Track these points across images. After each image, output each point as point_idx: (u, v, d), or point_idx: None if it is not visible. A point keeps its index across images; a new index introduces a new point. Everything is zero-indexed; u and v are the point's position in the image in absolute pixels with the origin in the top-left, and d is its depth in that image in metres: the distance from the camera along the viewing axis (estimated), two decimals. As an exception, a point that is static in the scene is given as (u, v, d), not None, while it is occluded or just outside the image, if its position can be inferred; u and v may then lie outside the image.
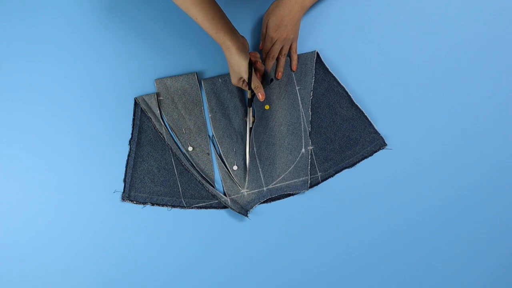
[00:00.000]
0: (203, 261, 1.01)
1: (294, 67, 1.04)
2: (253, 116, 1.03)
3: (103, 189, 1.02)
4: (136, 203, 1.02)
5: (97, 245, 1.01)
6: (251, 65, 0.91)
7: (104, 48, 1.04)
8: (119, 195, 1.02)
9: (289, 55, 1.05)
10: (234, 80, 0.96)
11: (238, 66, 0.91)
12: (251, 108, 1.01)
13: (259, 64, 0.95)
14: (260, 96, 0.94)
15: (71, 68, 1.03)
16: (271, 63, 1.02)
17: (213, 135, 1.04)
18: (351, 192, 1.03)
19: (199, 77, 1.05)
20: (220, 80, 1.04)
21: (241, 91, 1.05)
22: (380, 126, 1.05)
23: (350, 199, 1.03)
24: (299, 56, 1.06)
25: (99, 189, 1.02)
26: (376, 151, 1.05)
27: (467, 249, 1.04)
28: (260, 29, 1.06)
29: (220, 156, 1.04)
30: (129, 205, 1.02)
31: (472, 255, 1.04)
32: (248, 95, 0.98)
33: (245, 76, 0.92)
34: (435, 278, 1.03)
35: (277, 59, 1.03)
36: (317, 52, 1.06)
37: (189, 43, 1.05)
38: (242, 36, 0.92)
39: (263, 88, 0.96)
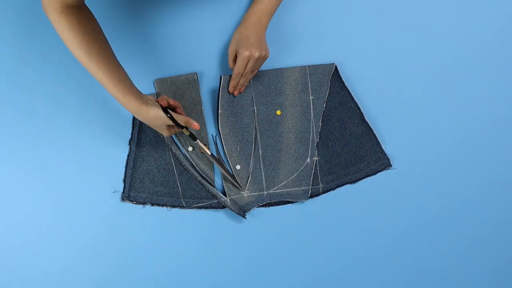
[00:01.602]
0: (203, 261, 1.02)
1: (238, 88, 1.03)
2: (205, 144, 1.00)
3: (103, 189, 1.01)
4: (136, 203, 1.01)
5: (97, 245, 1.01)
6: (166, 109, 0.88)
7: None
8: (119, 195, 1.02)
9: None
10: (166, 133, 0.93)
11: (157, 118, 0.88)
12: (197, 140, 0.97)
13: (173, 102, 0.93)
14: (195, 126, 0.91)
15: (71, 68, 1.02)
16: (242, 82, 1.01)
17: (218, 132, 1.05)
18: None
19: (199, 77, 1.05)
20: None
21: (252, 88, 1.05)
22: (388, 146, 1.06)
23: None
24: (316, 66, 1.05)
25: (99, 189, 1.01)
26: (380, 171, 1.05)
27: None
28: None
29: (223, 155, 1.04)
30: (129, 205, 1.02)
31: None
32: (186, 132, 0.94)
33: (169, 122, 0.89)
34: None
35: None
36: (335, 65, 1.06)
37: (189, 43, 1.04)
38: (144, 94, 0.90)
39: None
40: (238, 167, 1.04)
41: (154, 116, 0.87)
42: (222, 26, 1.04)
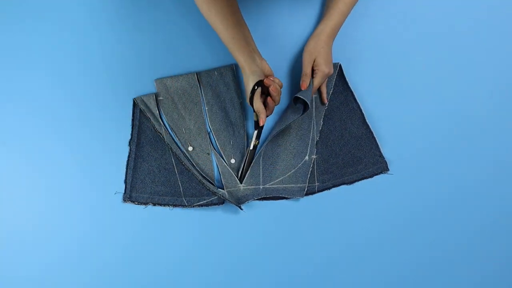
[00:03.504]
0: (206, 259, 1.05)
1: (325, 100, 1.05)
2: (257, 139, 1.02)
3: (104, 191, 1.01)
4: (138, 204, 1.02)
5: (99, 247, 1.02)
6: (257, 86, 0.92)
7: (103, 49, 1.02)
8: (120, 196, 1.02)
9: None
10: (247, 100, 0.97)
11: (247, 86, 0.94)
12: (256, 131, 1.01)
13: (273, 89, 0.94)
14: (260, 121, 0.95)
15: (70, 69, 1.01)
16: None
17: (210, 128, 1.04)
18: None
19: (199, 76, 1.04)
20: (216, 73, 1.04)
21: (237, 84, 1.05)
22: (387, 150, 1.06)
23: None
24: None
25: (100, 191, 1.02)
26: (377, 174, 1.06)
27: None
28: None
29: (217, 150, 1.05)
30: (130, 206, 1.02)
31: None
32: (254, 117, 0.99)
33: (248, 97, 0.94)
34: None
35: (321, 88, 1.05)
36: (340, 65, 1.04)
37: (189, 43, 1.04)
38: (263, 60, 0.95)
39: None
40: (232, 161, 1.04)
41: (245, 83, 0.94)
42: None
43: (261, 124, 0.95)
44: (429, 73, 1.06)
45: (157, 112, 1.03)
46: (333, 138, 1.05)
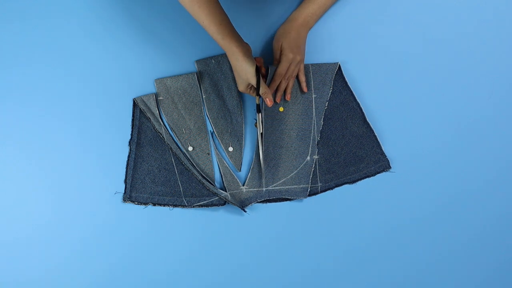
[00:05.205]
0: (206, 260, 1.04)
1: (305, 89, 1.04)
2: (262, 122, 1.03)
3: (104, 191, 1.02)
4: (138, 204, 1.02)
5: (99, 247, 1.02)
6: (258, 70, 0.92)
7: (103, 49, 1.04)
8: (120, 196, 1.02)
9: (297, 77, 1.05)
10: (241, 87, 0.96)
11: (245, 72, 0.91)
12: (259, 114, 1.01)
13: (264, 70, 0.98)
14: (269, 102, 0.96)
15: (70, 69, 1.03)
16: (285, 85, 1.02)
17: (207, 117, 1.05)
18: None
19: (199, 76, 1.05)
20: (213, 61, 1.04)
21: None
22: (388, 148, 1.05)
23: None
24: (320, 65, 1.05)
25: (100, 191, 1.02)
26: (379, 172, 1.05)
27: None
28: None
29: (215, 138, 1.05)
30: (130, 206, 1.03)
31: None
32: (256, 100, 0.99)
33: (253, 82, 0.92)
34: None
35: (299, 77, 1.04)
36: (339, 65, 1.05)
37: (189, 43, 1.05)
38: (246, 43, 0.93)
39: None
40: (230, 149, 1.04)
41: (243, 69, 0.91)
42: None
43: (271, 104, 0.96)
44: (429, 71, 1.06)
45: (157, 112, 1.03)
46: (334, 137, 1.05)
